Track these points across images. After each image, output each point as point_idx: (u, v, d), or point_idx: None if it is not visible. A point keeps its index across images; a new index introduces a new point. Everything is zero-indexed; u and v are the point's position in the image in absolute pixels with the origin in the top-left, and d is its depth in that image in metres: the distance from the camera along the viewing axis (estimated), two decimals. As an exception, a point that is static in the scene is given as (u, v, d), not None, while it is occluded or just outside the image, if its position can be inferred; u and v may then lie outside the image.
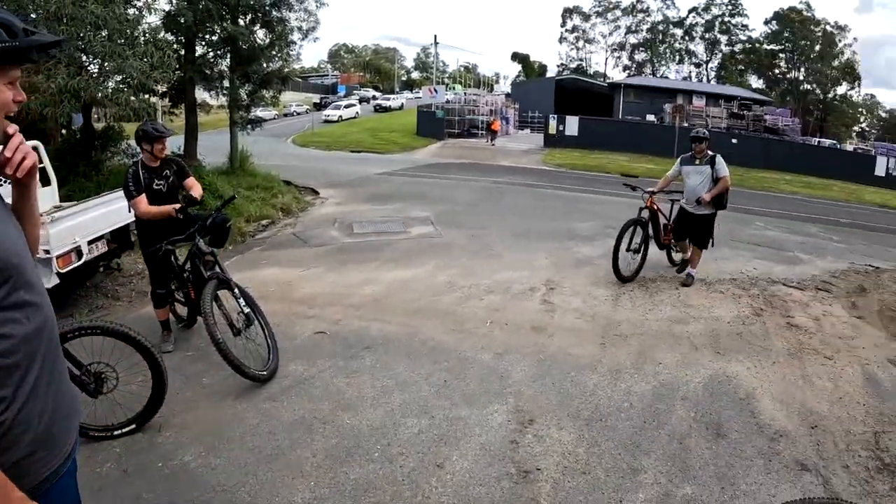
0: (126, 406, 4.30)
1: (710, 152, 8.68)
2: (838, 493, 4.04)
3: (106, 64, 9.61)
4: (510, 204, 15.75)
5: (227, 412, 4.73)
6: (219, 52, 13.97)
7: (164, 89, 13.41)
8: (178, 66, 12.10)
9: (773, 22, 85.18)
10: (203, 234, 5.57)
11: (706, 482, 4.06)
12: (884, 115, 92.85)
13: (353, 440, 4.35)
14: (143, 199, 5.50)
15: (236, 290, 5.34)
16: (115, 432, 4.29)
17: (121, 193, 6.12)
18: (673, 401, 5.18)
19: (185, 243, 5.61)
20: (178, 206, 5.58)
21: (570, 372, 5.61)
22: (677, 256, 9.17)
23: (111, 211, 7.08)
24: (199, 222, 5.58)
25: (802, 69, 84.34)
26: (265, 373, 5.14)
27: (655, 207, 8.81)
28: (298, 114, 59.00)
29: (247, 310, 5.28)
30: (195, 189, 5.79)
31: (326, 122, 52.17)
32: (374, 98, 74.93)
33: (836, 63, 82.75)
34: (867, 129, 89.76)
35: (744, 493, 3.97)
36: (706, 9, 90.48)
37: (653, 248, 8.88)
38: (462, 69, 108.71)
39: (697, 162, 8.67)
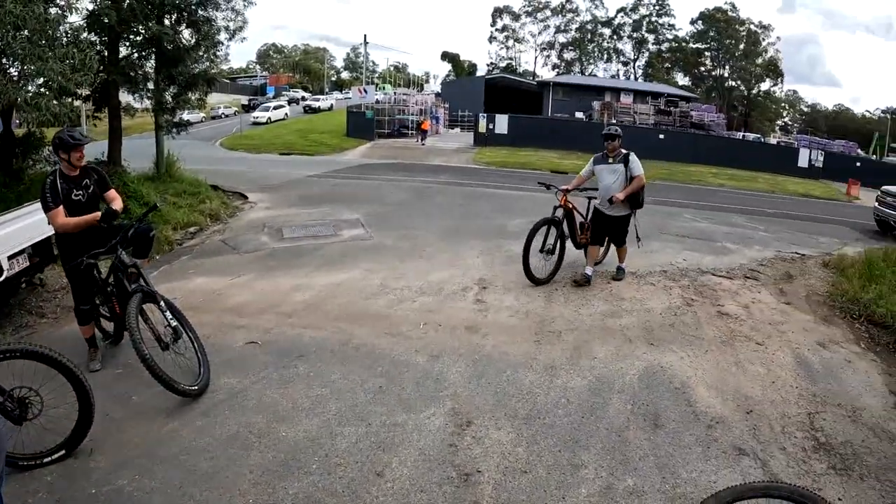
0: (54, 431, 4.05)
1: (623, 150, 8.36)
2: (777, 474, 4.16)
3: (25, 66, 9.15)
4: (441, 203, 15.69)
5: (160, 431, 4.51)
6: (143, 54, 13.47)
7: (88, 92, 12.88)
8: (100, 69, 11.63)
9: (699, 21, 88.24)
10: (125, 246, 5.33)
11: (647, 473, 4.11)
12: (806, 109, 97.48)
13: (291, 453, 4.22)
14: (60, 212, 5.23)
15: (162, 303, 5.12)
16: (45, 459, 4.03)
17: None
18: (609, 394, 5.23)
19: (107, 256, 5.38)
20: (99, 214, 5.35)
21: (505, 371, 5.60)
22: (588, 269, 8.54)
23: (32, 223, 6.63)
24: (121, 233, 5.33)
25: (727, 66, 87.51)
26: (196, 388, 4.93)
27: (570, 206, 8.53)
28: (227, 116, 57.66)
29: (174, 323, 5.08)
30: (115, 202, 5.55)
31: (255, 124, 51.12)
32: (304, 99, 73.88)
33: (759, 61, 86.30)
34: (790, 123, 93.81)
35: (685, 482, 4.03)
36: (634, 9, 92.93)
37: (571, 248, 8.77)
38: (392, 69, 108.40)
39: (611, 160, 8.37)
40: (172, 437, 4.43)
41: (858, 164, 40.75)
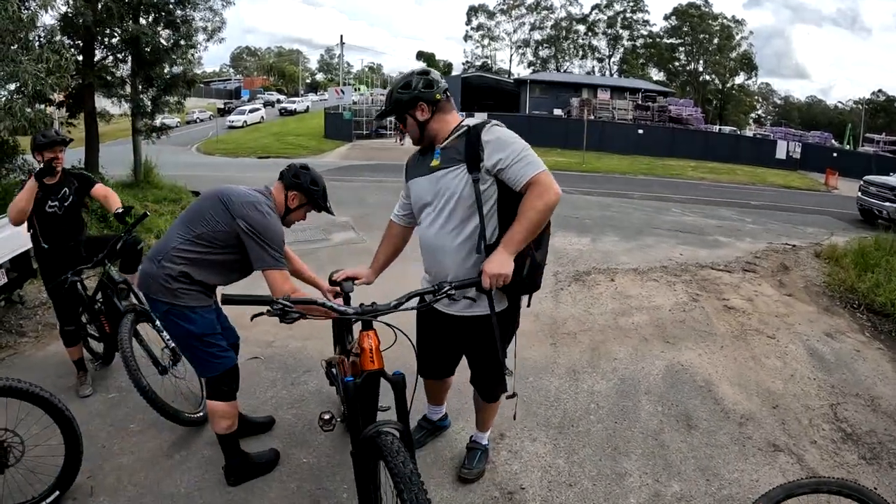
0: (42, 472, 3.45)
1: (469, 122, 3.20)
2: (814, 468, 4.10)
3: (-1, 71, 8.71)
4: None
5: (165, 464, 3.97)
6: (119, 56, 13.09)
7: (61, 98, 12.43)
8: (76, 71, 11.25)
9: (673, 17, 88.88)
10: (113, 260, 4.95)
11: (691, 476, 3.95)
12: (779, 101, 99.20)
13: (315, 482, 3.79)
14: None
15: (158, 322, 4.44)
16: None
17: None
18: (637, 396, 5.07)
19: (92, 270, 5.00)
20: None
21: (528, 377, 5.31)
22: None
23: (8, 236, 6.00)
24: (108, 246, 4.90)
25: (702, 61, 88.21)
26: (201, 413, 4.40)
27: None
28: (202, 120, 57.35)
29: (172, 343, 4.45)
30: (109, 200, 5.03)
31: (231, 127, 50.91)
32: (279, 102, 73.80)
33: (733, 55, 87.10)
34: (763, 115, 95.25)
35: (729, 483, 3.90)
36: (608, 5, 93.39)
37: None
38: (367, 69, 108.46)
39: (436, 162, 3.23)
40: (180, 471, 3.92)
41: (835, 154, 41.37)
